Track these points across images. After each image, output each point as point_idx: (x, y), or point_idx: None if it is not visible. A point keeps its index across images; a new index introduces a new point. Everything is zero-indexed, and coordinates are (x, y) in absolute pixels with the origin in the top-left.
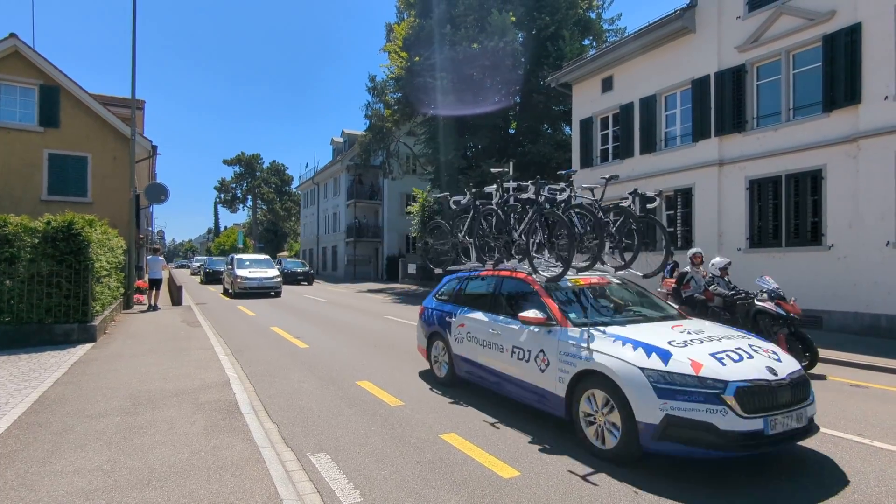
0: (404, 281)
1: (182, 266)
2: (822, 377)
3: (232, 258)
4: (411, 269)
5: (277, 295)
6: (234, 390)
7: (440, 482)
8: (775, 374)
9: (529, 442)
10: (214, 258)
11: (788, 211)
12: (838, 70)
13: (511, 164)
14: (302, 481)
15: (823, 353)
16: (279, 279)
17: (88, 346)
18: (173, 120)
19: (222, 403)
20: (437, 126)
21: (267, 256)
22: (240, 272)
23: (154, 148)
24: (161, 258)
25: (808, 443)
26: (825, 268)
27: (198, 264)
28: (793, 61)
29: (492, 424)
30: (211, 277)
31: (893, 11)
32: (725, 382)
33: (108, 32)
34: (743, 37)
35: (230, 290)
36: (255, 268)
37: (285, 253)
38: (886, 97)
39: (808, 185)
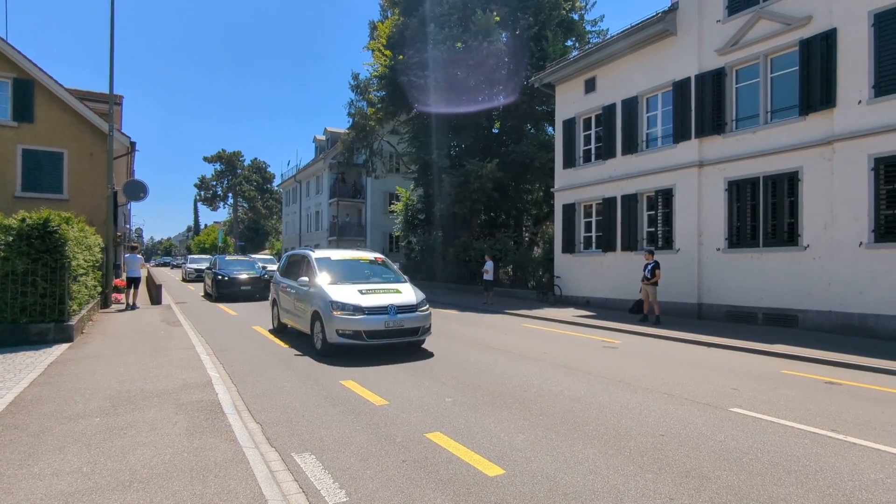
0: None
1: (164, 264)
2: None
3: (305, 259)
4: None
5: (420, 342)
6: (216, 390)
7: (426, 481)
8: None
9: (514, 440)
10: (232, 258)
11: (766, 212)
12: (814, 74)
13: (494, 163)
14: (287, 481)
15: (800, 351)
16: (427, 310)
17: (65, 346)
18: (152, 117)
19: (205, 404)
20: (421, 125)
21: (378, 256)
22: (338, 295)
23: (132, 144)
24: (139, 256)
25: (785, 439)
26: (801, 268)
27: (197, 266)
28: (770, 65)
29: (477, 423)
30: (226, 290)
31: (867, 18)
32: None
33: (85, 27)
34: (722, 40)
35: (312, 334)
36: (367, 283)
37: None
38: (860, 101)
39: (785, 186)
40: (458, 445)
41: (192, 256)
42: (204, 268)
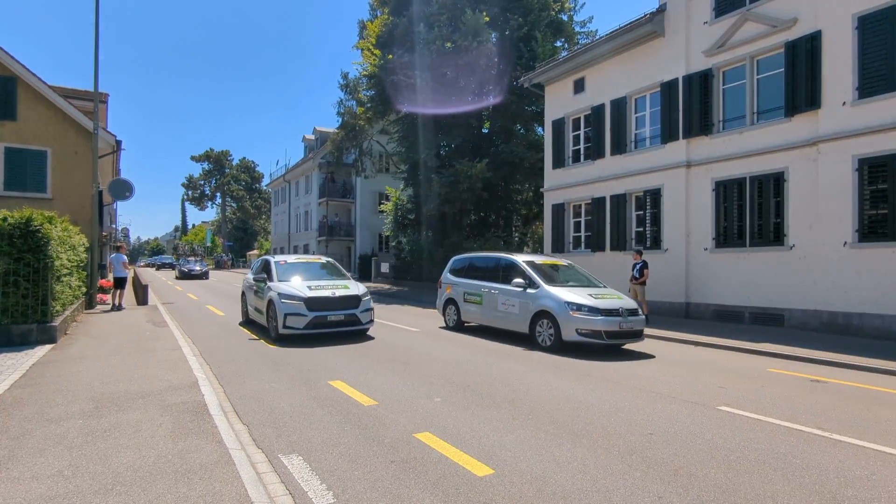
0: (377, 280)
1: (164, 265)
2: None
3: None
4: (384, 268)
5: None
6: (202, 391)
7: (414, 481)
8: None
9: (504, 440)
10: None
11: (752, 212)
12: (799, 76)
13: (484, 163)
14: (273, 483)
15: (786, 349)
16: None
17: (48, 347)
18: (139, 117)
19: (190, 405)
20: (411, 124)
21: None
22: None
23: (118, 143)
24: (123, 256)
25: (771, 437)
26: (787, 267)
27: (312, 287)
28: (757, 66)
29: (466, 423)
30: None
31: (851, 20)
32: None
33: (69, 28)
34: (710, 42)
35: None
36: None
37: None
38: (844, 103)
39: (772, 186)
40: (447, 445)
41: (284, 262)
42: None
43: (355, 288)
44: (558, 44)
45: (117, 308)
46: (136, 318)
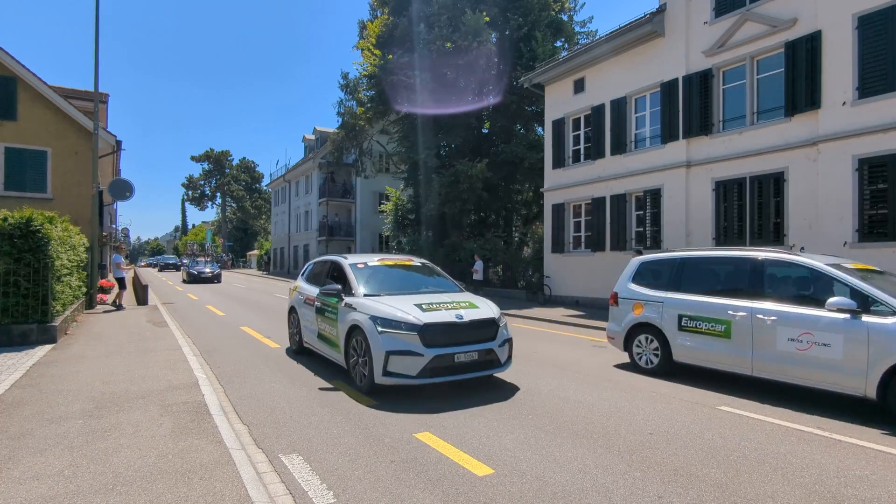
0: None
1: (166, 266)
2: None
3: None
4: None
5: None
6: (202, 391)
7: (414, 481)
8: None
9: (504, 440)
10: None
11: (752, 211)
12: (799, 76)
13: (484, 163)
14: (274, 483)
15: None
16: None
17: (48, 347)
18: (140, 116)
19: (191, 405)
20: (411, 125)
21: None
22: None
23: (118, 143)
24: (120, 256)
25: (771, 437)
26: None
27: None
28: (757, 66)
29: (466, 423)
30: None
31: (851, 20)
32: None
33: (69, 28)
34: (710, 41)
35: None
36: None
37: None
38: (844, 103)
39: (771, 186)
40: (447, 445)
41: (365, 265)
42: None
43: (485, 307)
44: (558, 44)
45: (118, 308)
46: (137, 318)
